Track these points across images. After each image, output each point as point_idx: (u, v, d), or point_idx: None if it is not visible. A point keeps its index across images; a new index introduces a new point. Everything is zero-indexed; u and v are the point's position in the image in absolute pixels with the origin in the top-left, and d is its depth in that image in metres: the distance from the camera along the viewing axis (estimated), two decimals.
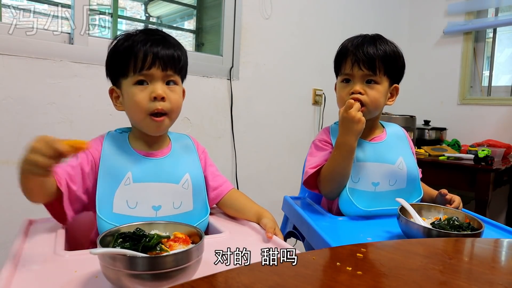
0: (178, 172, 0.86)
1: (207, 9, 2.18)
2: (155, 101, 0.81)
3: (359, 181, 1.02)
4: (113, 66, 0.85)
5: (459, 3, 2.77)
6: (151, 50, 0.80)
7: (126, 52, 0.81)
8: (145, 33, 0.84)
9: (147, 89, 0.81)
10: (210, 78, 1.90)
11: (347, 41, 1.08)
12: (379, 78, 1.02)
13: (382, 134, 1.11)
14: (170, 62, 0.82)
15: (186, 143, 0.95)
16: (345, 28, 2.48)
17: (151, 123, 0.82)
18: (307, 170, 1.05)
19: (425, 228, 0.78)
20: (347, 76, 1.04)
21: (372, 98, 1.01)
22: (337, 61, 1.09)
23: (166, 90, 0.83)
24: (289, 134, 2.29)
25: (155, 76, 0.81)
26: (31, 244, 0.72)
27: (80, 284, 0.57)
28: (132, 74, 0.81)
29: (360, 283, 0.47)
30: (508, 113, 2.58)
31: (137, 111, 0.82)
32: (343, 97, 1.04)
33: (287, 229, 1.18)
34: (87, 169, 0.80)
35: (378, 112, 1.07)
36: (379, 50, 1.01)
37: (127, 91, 0.82)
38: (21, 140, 1.38)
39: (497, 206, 2.63)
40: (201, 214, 0.87)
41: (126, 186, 0.80)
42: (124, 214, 0.78)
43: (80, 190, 0.78)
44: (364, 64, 1.00)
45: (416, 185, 1.08)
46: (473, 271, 0.54)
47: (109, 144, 0.85)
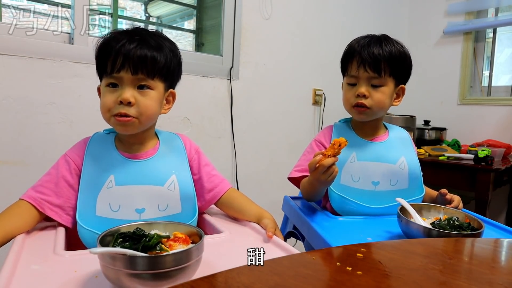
0: (164, 174, 0.85)
1: (207, 9, 2.18)
2: (121, 104, 0.78)
3: (360, 180, 1.03)
4: (97, 63, 0.83)
5: (459, 3, 2.77)
6: (122, 51, 0.76)
7: (102, 50, 0.79)
8: (125, 33, 0.80)
9: (116, 92, 0.78)
10: (210, 78, 1.90)
11: (354, 41, 1.07)
12: (384, 80, 1.02)
13: (384, 135, 1.11)
14: (142, 65, 0.77)
15: (175, 143, 0.92)
16: (345, 28, 2.48)
17: (116, 123, 0.79)
18: (292, 171, 1.09)
19: (425, 228, 0.78)
20: (353, 78, 1.04)
21: (376, 100, 1.01)
22: (343, 61, 1.09)
23: (136, 95, 0.78)
24: (289, 134, 2.29)
25: (125, 80, 0.78)
26: (31, 244, 0.72)
27: (80, 284, 0.57)
28: (105, 75, 0.79)
29: (360, 283, 0.47)
30: (508, 113, 2.58)
31: (103, 112, 0.80)
32: (348, 99, 1.05)
33: (287, 229, 1.18)
34: (70, 179, 0.81)
35: (383, 113, 1.08)
36: (384, 51, 1.00)
37: (102, 91, 0.82)
38: (21, 140, 1.38)
39: (497, 206, 2.63)
40: (189, 216, 0.86)
41: (109, 189, 0.79)
42: (106, 217, 0.78)
43: (68, 201, 0.80)
44: (370, 66, 1.00)
45: (418, 184, 1.08)
46: (473, 271, 0.54)
47: (93, 147, 0.84)
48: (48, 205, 0.78)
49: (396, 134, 1.13)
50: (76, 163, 0.82)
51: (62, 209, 0.79)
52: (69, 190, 0.80)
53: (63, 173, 0.81)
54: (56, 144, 1.44)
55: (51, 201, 0.78)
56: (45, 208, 0.78)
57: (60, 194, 0.79)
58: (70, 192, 0.80)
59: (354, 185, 1.02)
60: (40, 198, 0.78)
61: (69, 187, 0.80)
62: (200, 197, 0.92)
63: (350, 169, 1.04)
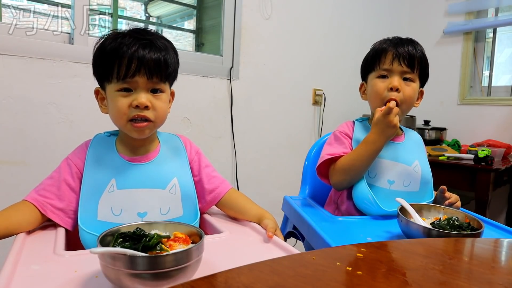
0: (165, 177, 0.84)
1: (207, 9, 2.18)
2: (137, 109, 0.78)
3: (376, 176, 1.04)
4: (99, 68, 0.81)
5: (459, 3, 2.77)
6: (136, 56, 0.75)
7: (111, 55, 0.77)
8: (133, 35, 0.78)
9: (130, 96, 0.78)
10: (210, 78, 1.90)
11: (384, 40, 1.09)
12: (415, 76, 1.05)
13: (402, 136, 1.13)
14: (157, 69, 0.78)
15: (176, 145, 0.92)
16: (345, 28, 2.48)
17: (132, 129, 0.79)
18: (323, 155, 1.06)
19: (425, 228, 0.78)
20: (385, 71, 1.05)
21: (407, 95, 1.03)
22: (372, 58, 1.09)
23: (151, 99, 0.79)
24: (289, 134, 2.29)
25: (140, 84, 0.77)
26: (31, 244, 0.72)
27: (80, 284, 0.57)
28: (115, 80, 0.77)
29: (360, 283, 0.47)
30: (508, 113, 2.58)
31: (119, 117, 0.79)
32: (380, 92, 1.05)
33: (287, 229, 1.18)
34: (72, 182, 0.81)
35: (408, 112, 1.09)
36: (418, 51, 1.05)
37: (111, 96, 0.79)
38: (21, 140, 1.38)
39: (497, 206, 2.63)
40: (191, 219, 0.85)
41: (110, 193, 0.79)
42: (108, 221, 0.77)
43: (71, 204, 0.80)
44: (404, 60, 1.03)
45: (428, 189, 1.09)
46: (473, 271, 0.54)
47: (94, 150, 0.83)
48: (51, 208, 0.78)
49: (411, 137, 1.14)
50: (78, 166, 0.82)
51: (64, 213, 0.79)
52: (71, 193, 0.80)
53: (65, 176, 0.81)
54: (56, 144, 1.44)
55: (54, 204, 0.79)
56: (47, 211, 0.78)
57: (62, 198, 0.79)
58: (72, 195, 0.80)
59: (370, 181, 1.03)
60: (43, 201, 0.78)
61: (71, 190, 0.80)
62: (201, 199, 0.92)
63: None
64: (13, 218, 0.75)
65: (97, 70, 0.82)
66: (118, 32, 0.80)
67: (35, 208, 0.77)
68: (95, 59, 0.81)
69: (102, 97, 0.84)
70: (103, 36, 0.81)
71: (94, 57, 0.81)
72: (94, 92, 0.85)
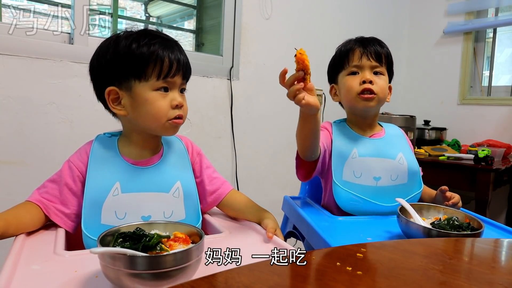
0: (169, 181, 0.84)
1: (207, 9, 2.18)
2: (176, 108, 0.81)
3: (361, 176, 1.04)
4: (122, 68, 0.79)
5: (459, 3, 2.77)
6: (175, 58, 0.80)
7: (148, 57, 0.78)
8: (159, 37, 0.80)
9: (168, 96, 0.81)
10: (210, 78, 1.90)
11: (348, 40, 1.13)
12: (384, 70, 1.08)
13: (381, 132, 1.14)
14: (188, 70, 0.85)
15: (178, 147, 0.92)
16: (345, 28, 2.48)
17: (171, 126, 0.82)
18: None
19: (425, 228, 0.78)
20: (355, 68, 1.07)
21: (380, 86, 1.06)
22: (340, 58, 1.11)
23: (181, 98, 0.84)
24: (289, 134, 2.27)
25: (176, 84, 0.82)
26: (31, 244, 0.72)
27: (80, 284, 0.57)
28: (155, 79, 0.78)
29: (360, 283, 0.47)
30: (508, 113, 2.58)
31: (159, 117, 0.80)
32: (353, 87, 1.06)
33: (287, 229, 1.18)
34: (74, 186, 0.81)
35: (383, 103, 1.09)
36: (383, 47, 1.09)
37: (144, 96, 0.78)
38: (21, 140, 1.38)
39: (497, 206, 2.63)
40: (193, 222, 0.85)
41: (115, 196, 0.79)
42: (112, 225, 0.76)
43: (73, 208, 0.80)
44: (372, 55, 1.06)
45: (417, 179, 1.09)
46: (473, 271, 0.54)
47: (96, 152, 0.83)
48: (55, 211, 0.79)
49: (391, 131, 1.15)
50: (80, 169, 0.81)
51: (67, 216, 0.80)
52: (73, 198, 0.80)
53: (67, 180, 0.80)
54: (56, 144, 1.44)
55: (57, 207, 0.79)
56: (51, 213, 0.78)
57: (65, 202, 0.80)
58: (73, 199, 0.80)
59: (356, 181, 1.04)
60: (47, 203, 0.79)
61: (73, 195, 0.80)
62: (202, 200, 0.92)
63: (352, 165, 1.05)
64: (23, 218, 0.75)
65: (119, 69, 0.79)
66: (131, 32, 0.81)
67: (40, 210, 0.78)
68: (119, 59, 0.79)
69: (115, 97, 0.81)
70: (116, 36, 0.80)
71: (116, 56, 0.79)
72: (106, 93, 0.81)
